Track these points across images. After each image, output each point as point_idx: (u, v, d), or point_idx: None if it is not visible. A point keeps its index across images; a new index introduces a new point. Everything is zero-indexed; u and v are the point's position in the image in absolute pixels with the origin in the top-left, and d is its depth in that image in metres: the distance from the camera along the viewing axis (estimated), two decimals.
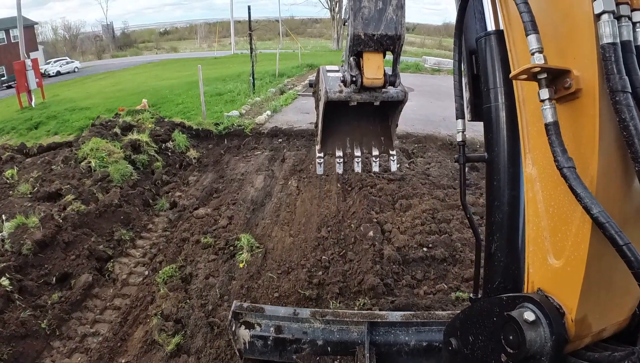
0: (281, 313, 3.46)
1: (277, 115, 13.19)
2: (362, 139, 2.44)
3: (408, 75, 23.67)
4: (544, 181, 1.29)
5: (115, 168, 7.57)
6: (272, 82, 20.05)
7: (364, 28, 1.75)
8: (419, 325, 3.36)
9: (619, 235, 0.99)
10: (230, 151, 10.28)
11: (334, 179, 7.90)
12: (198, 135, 11.07)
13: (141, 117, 10.62)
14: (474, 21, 1.79)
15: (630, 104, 1.03)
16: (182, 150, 9.80)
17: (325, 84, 2.01)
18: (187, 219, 6.60)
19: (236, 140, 10.94)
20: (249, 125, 11.42)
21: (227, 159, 9.70)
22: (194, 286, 4.90)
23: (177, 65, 38.09)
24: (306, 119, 12.22)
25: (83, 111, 15.63)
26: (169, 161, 9.17)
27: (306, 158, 9.38)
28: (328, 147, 2.42)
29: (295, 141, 10.73)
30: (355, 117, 2.38)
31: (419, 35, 65.50)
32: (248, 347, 3.47)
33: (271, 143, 10.63)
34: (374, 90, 1.95)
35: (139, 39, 78.92)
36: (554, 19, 1.20)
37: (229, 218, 6.48)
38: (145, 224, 6.65)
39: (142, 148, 8.74)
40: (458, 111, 1.76)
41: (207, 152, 10.28)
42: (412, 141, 10.61)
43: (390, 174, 7.83)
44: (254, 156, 9.76)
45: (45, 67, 42.23)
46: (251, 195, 7.39)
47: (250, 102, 14.93)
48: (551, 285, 1.27)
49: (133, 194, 7.10)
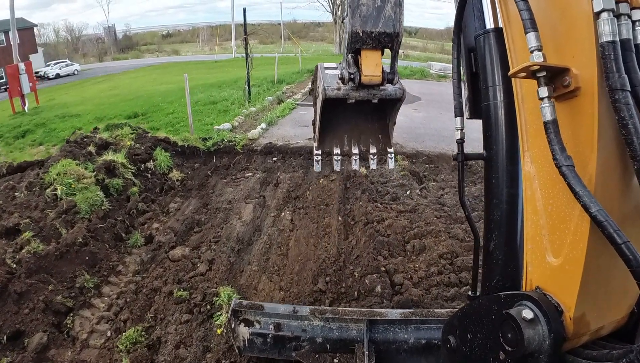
0: (281, 311, 3.46)
1: (272, 128, 12.02)
2: (360, 137, 2.44)
3: (414, 82, 22.76)
4: (543, 179, 1.29)
5: (83, 197, 6.47)
6: (270, 90, 18.90)
7: (362, 25, 1.74)
8: (417, 323, 3.36)
9: (617, 233, 1.00)
10: (218, 172, 9.06)
11: (334, 211, 6.80)
12: (183, 152, 9.82)
13: (120, 133, 9.41)
14: (472, 19, 1.79)
15: (629, 102, 1.03)
16: (163, 171, 8.53)
17: (323, 82, 2.00)
18: (161, 261, 5.54)
19: (226, 158, 9.75)
20: (241, 141, 10.26)
21: (214, 182, 8.47)
22: (162, 357, 4.07)
23: (177, 68, 37.93)
24: (304, 134, 11.14)
25: (72, 119, 15.04)
26: (147, 185, 7.92)
27: (303, 181, 8.28)
28: (326, 145, 2.42)
29: (292, 160, 9.58)
30: (353, 115, 2.38)
31: (421, 40, 65.62)
32: (247, 345, 3.48)
33: (264, 162, 9.45)
34: (372, 87, 1.94)
35: (142, 42, 79.03)
36: (553, 17, 1.20)
37: (209, 262, 5.44)
38: (114, 265, 5.55)
39: (118, 171, 7.57)
40: (457, 109, 1.76)
41: (193, 173, 9.05)
42: (423, 161, 9.53)
43: (400, 204, 6.86)
44: (244, 179, 8.57)
45: (44, 70, 42.20)
46: (237, 231, 6.24)
47: (244, 113, 13.72)
48: (549, 283, 1.27)
49: (102, 228, 6.03)
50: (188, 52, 65.10)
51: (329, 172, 8.08)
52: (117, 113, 14.82)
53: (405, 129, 11.77)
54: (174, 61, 49.74)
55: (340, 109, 2.24)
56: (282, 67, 27.31)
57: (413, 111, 14.78)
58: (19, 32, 41.55)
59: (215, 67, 34.67)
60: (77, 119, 14.99)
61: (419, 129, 12.05)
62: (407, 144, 10.53)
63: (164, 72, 35.34)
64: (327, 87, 1.95)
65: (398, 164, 8.60)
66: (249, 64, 15.82)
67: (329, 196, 7.37)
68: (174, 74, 32.48)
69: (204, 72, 32.25)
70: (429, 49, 57.29)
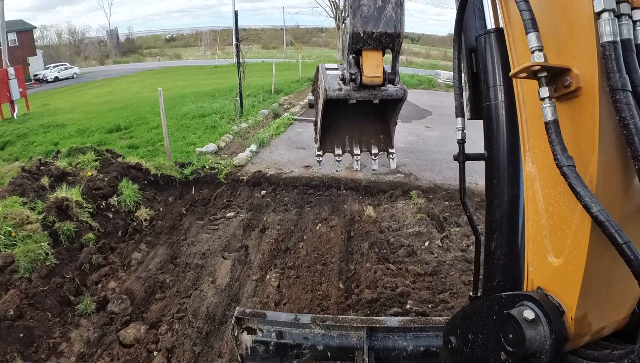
0: (283, 319, 3.46)
1: (263, 151, 10.41)
2: (362, 138, 2.44)
3: (422, 92, 21.45)
4: (544, 179, 1.29)
5: (24, 249, 5.14)
6: (266, 101, 17.26)
7: (363, 26, 1.75)
8: (417, 330, 3.35)
9: (618, 233, 0.99)
10: (195, 210, 7.40)
11: (334, 274, 5.35)
12: (156, 183, 8.20)
13: (83, 160, 7.82)
14: (473, 19, 1.80)
15: (630, 102, 1.03)
16: (129, 209, 7.01)
17: (325, 82, 2.00)
18: (109, 346, 4.22)
19: (206, 190, 8.21)
20: (225, 168, 8.82)
21: (188, 223, 6.86)
22: None
23: (176, 73, 37.97)
24: (301, 160, 9.64)
25: (55, 131, 14.17)
26: (108, 228, 6.41)
27: (296, 227, 6.60)
28: (327, 145, 2.42)
29: (284, 195, 7.98)
30: (355, 116, 2.39)
31: (424, 46, 66.00)
32: (250, 353, 3.46)
33: (251, 197, 7.92)
34: (373, 88, 1.95)
35: (145, 45, 79.49)
36: (553, 17, 1.21)
37: (167, 351, 4.11)
38: (56, 343, 4.26)
39: (71, 211, 6.13)
40: (458, 109, 1.76)
41: (165, 209, 7.40)
42: (442, 197, 7.79)
43: (417, 263, 5.47)
44: (225, 221, 6.94)
45: (43, 73, 42.45)
46: (208, 302, 4.82)
47: (234, 131, 12.11)
48: (551, 284, 1.27)
49: (45, 292, 4.73)
50: (190, 57, 65.41)
51: (328, 214, 7.03)
52: (100, 125, 14.10)
53: (418, 153, 10.42)
54: (175, 65, 49.94)
55: (341, 110, 2.25)
56: (283, 73, 26.76)
57: (425, 129, 13.22)
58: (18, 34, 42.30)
59: (215, 73, 34.64)
60: (60, 130, 14.18)
61: (434, 153, 10.46)
62: (422, 174, 9.00)
63: (162, 77, 35.38)
64: (329, 87, 1.95)
65: (412, 203, 7.32)
66: (241, 73, 14.11)
67: (328, 249, 5.96)
68: (172, 79, 32.49)
69: (202, 77, 32.21)
70: (432, 55, 57.66)
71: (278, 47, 62.95)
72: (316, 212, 7.19)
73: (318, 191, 8.15)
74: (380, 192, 8.15)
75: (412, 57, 55.28)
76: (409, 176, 8.84)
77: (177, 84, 28.14)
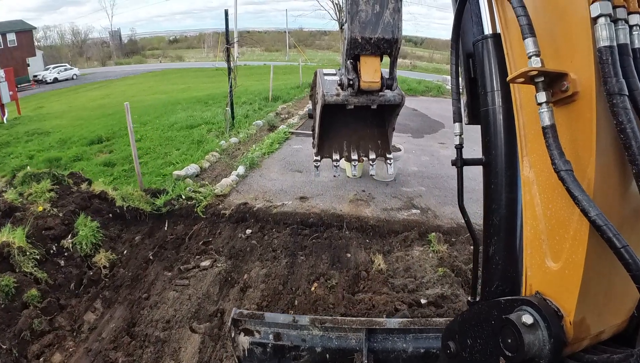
0: (280, 320, 3.45)
1: (252, 175, 8.67)
2: (359, 143, 2.44)
3: (431, 101, 19.43)
4: (542, 183, 1.29)
5: None
6: (262, 109, 15.46)
7: (361, 31, 1.76)
8: (416, 332, 3.35)
9: (616, 237, 0.99)
10: (163, 255, 5.97)
11: None
12: (123, 216, 6.73)
13: (36, 191, 6.53)
14: (471, 24, 1.80)
15: (627, 106, 1.04)
16: (86, 252, 5.66)
17: (323, 88, 2.01)
18: None
19: (181, 225, 6.74)
20: (205, 198, 7.25)
21: (154, 274, 5.53)
22: None
23: (176, 75, 37.61)
24: (296, 187, 7.93)
25: (39, 138, 13.33)
26: (58, 279, 5.16)
27: (286, 286, 5.24)
28: (325, 150, 2.42)
29: (273, 236, 6.37)
30: (352, 121, 2.39)
31: (427, 50, 66.09)
32: (247, 354, 3.46)
33: (233, 238, 6.37)
34: (371, 93, 1.95)
35: (148, 47, 79.55)
36: (550, 22, 1.21)
37: None
38: None
39: (13, 259, 5.00)
40: (455, 115, 1.77)
41: (130, 252, 6.03)
42: (467, 241, 6.25)
43: None
44: (198, 272, 5.55)
45: (43, 73, 42.40)
46: None
47: (222, 147, 10.49)
48: (549, 288, 1.27)
49: None
50: (192, 59, 65.37)
51: (327, 266, 5.64)
52: (83, 135, 13.10)
53: (435, 180, 8.68)
54: (176, 67, 49.57)
55: (339, 115, 2.25)
56: (284, 77, 25.96)
57: (439, 146, 11.61)
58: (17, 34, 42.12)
59: (215, 75, 34.08)
60: (43, 139, 13.34)
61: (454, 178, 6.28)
62: (442, 209, 7.24)
63: (162, 80, 35.05)
64: (327, 92, 1.96)
65: (432, 250, 5.94)
66: (232, 80, 12.20)
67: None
68: (171, 82, 32.18)
69: (202, 80, 31.93)
70: (435, 59, 57.75)
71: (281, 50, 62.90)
72: (312, 264, 5.71)
73: (315, 232, 6.52)
74: (392, 233, 6.54)
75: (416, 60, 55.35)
76: (426, 212, 7.13)
77: (175, 87, 27.80)
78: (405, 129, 13.31)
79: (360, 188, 8.11)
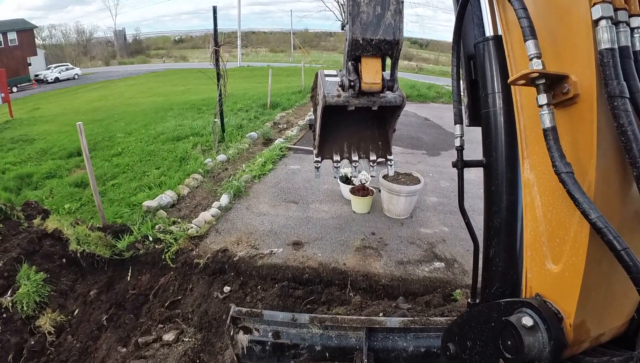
0: (279, 318, 3.45)
1: (237, 206, 7.05)
2: (360, 144, 2.44)
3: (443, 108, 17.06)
4: (542, 186, 1.29)
5: None
6: (259, 118, 13.90)
7: (362, 33, 1.75)
8: (417, 331, 3.35)
9: (617, 239, 0.99)
10: (120, 319, 4.80)
11: None
12: (77, 262, 5.34)
13: None
14: (472, 26, 1.80)
15: (628, 109, 1.04)
16: (28, 314, 4.50)
17: (324, 89, 2.01)
18: None
19: (147, 275, 5.45)
20: (176, 240, 5.77)
21: (106, 348, 4.40)
22: None
23: (178, 76, 37.06)
24: (290, 226, 6.33)
25: (21, 147, 12.41)
26: None
27: None
28: (325, 152, 2.42)
29: (258, 296, 4.95)
30: (353, 122, 2.38)
31: (433, 52, 65.89)
32: (246, 352, 3.45)
33: (206, 298, 4.95)
34: (372, 95, 1.95)
35: (153, 46, 79.51)
36: (552, 24, 1.21)
37: None
38: None
39: None
40: (456, 116, 1.77)
41: (82, 312, 4.83)
42: None
43: None
44: (158, 351, 4.23)
45: (44, 73, 42.36)
46: None
47: (206, 167, 8.93)
48: (549, 290, 1.27)
49: None
50: (196, 59, 65.14)
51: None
52: (65, 144, 12.01)
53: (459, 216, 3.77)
54: (179, 67, 49.07)
55: (340, 117, 2.25)
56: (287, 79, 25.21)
57: None
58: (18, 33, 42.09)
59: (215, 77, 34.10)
60: (25, 147, 12.37)
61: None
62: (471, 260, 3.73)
63: (162, 81, 34.60)
64: (328, 94, 1.95)
65: None
66: (221, 87, 10.52)
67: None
68: (172, 83, 31.61)
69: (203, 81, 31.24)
70: (441, 61, 57.60)
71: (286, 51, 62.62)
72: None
73: (310, 293, 5.00)
74: (409, 295, 5.04)
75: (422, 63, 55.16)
76: (451, 266, 5.50)
77: (175, 88, 27.31)
78: (419, 145, 11.35)
79: (369, 230, 6.34)
